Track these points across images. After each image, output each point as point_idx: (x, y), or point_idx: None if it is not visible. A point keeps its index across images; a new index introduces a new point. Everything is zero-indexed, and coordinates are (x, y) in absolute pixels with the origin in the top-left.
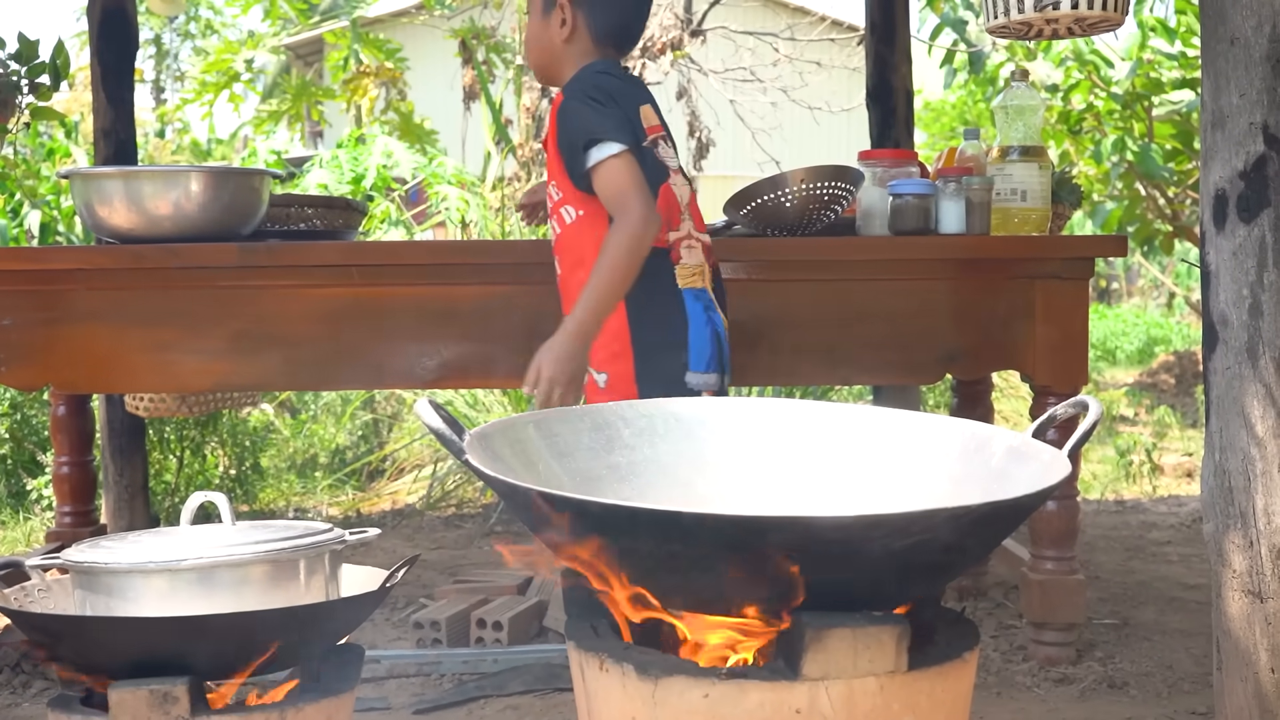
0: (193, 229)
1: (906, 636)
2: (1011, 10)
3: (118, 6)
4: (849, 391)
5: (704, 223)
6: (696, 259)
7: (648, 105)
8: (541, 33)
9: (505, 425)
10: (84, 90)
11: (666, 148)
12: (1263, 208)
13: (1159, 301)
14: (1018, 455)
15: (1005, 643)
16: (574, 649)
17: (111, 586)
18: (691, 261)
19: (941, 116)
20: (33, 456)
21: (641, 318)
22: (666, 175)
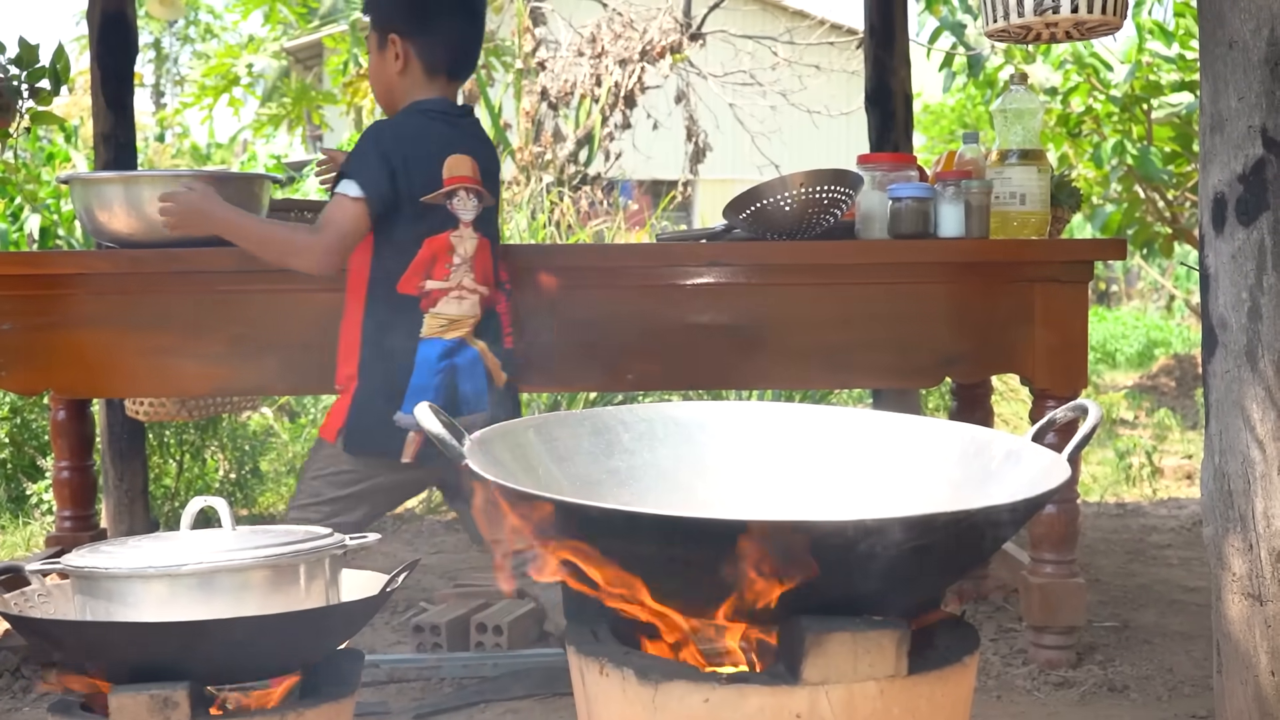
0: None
1: (906, 641)
2: (1010, 14)
3: (118, 11)
4: (849, 395)
5: (493, 277)
6: (460, 311)
7: (462, 155)
8: (379, 68)
9: (505, 430)
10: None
11: (467, 199)
12: (1261, 211)
13: (1159, 304)
14: (1017, 459)
15: (1005, 646)
16: (574, 654)
17: (112, 591)
18: (449, 312)
19: (941, 119)
20: (33, 461)
21: (370, 363)
22: (454, 225)
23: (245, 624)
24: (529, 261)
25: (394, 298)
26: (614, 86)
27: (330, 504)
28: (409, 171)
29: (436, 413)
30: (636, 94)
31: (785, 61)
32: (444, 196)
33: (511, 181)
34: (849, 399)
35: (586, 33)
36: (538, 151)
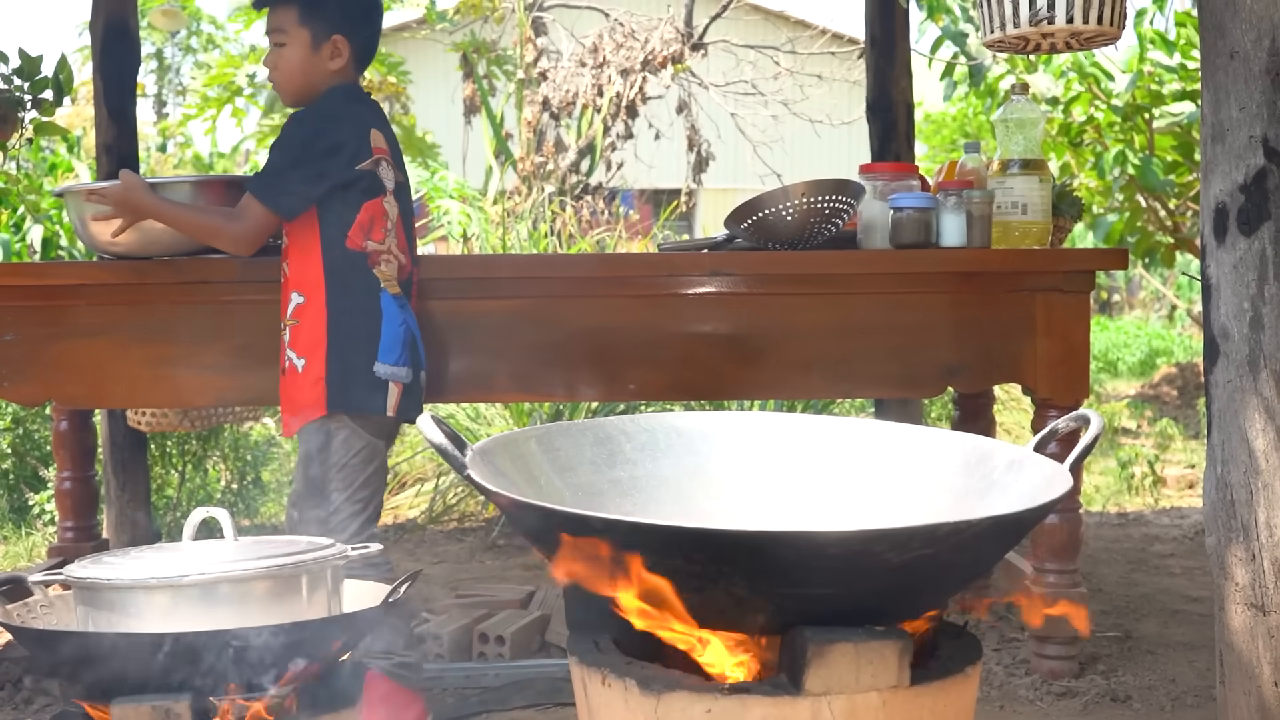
0: (191, 245)
1: (909, 651)
2: (1008, 25)
3: (120, 22)
4: (851, 405)
5: (407, 243)
6: (393, 272)
7: (376, 130)
8: (307, 64)
9: (507, 440)
10: (86, 105)
11: (388, 169)
12: (1263, 221)
13: (1160, 313)
14: (1019, 469)
15: (1008, 656)
16: (576, 664)
17: (114, 602)
18: (388, 272)
19: (942, 129)
20: (35, 471)
21: (339, 314)
22: (382, 192)
23: (247, 635)
24: (530, 271)
25: (349, 254)
26: (616, 96)
27: (364, 488)
28: (342, 144)
29: (438, 423)
30: (638, 104)
31: (787, 71)
32: (373, 164)
33: (513, 191)
34: (851, 409)
35: (588, 43)
36: (539, 161)
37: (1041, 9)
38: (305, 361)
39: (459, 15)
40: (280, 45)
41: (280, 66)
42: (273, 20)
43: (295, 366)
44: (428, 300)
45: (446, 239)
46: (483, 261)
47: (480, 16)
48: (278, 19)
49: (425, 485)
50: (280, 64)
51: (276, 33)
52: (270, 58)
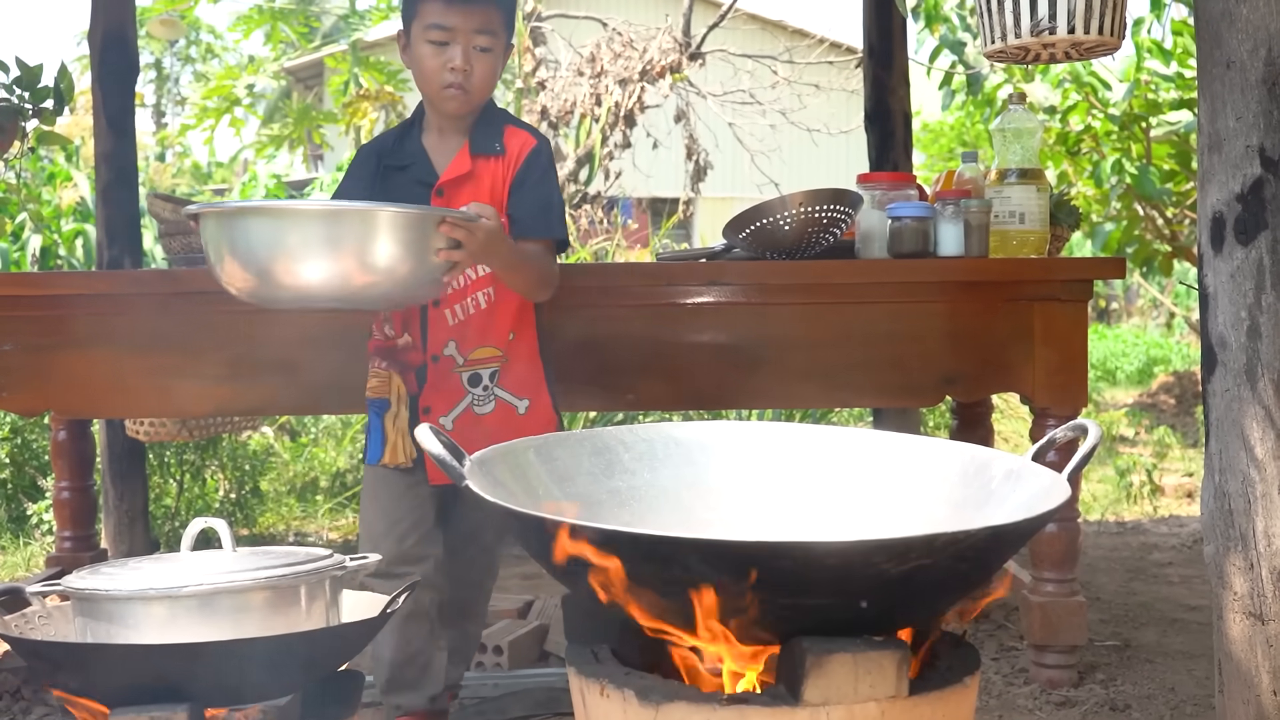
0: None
1: (907, 661)
2: (1008, 35)
3: (119, 31)
4: (849, 414)
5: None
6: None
7: None
8: (500, 72)
9: (505, 450)
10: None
11: None
12: (1260, 230)
13: (1158, 321)
14: (1017, 479)
15: (1006, 665)
16: (575, 674)
17: (112, 613)
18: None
19: (940, 137)
20: (33, 481)
21: (546, 350)
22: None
23: (246, 646)
24: None
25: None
26: (614, 106)
27: None
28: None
29: (436, 433)
30: (636, 113)
31: (785, 80)
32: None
33: None
34: (849, 418)
35: (586, 52)
36: None
37: (1043, 19)
38: (529, 403)
39: None
40: (486, 50)
41: (481, 71)
42: (483, 20)
43: (514, 409)
44: None
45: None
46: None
47: None
48: (490, 19)
49: None
50: (482, 68)
51: (485, 34)
52: (475, 57)
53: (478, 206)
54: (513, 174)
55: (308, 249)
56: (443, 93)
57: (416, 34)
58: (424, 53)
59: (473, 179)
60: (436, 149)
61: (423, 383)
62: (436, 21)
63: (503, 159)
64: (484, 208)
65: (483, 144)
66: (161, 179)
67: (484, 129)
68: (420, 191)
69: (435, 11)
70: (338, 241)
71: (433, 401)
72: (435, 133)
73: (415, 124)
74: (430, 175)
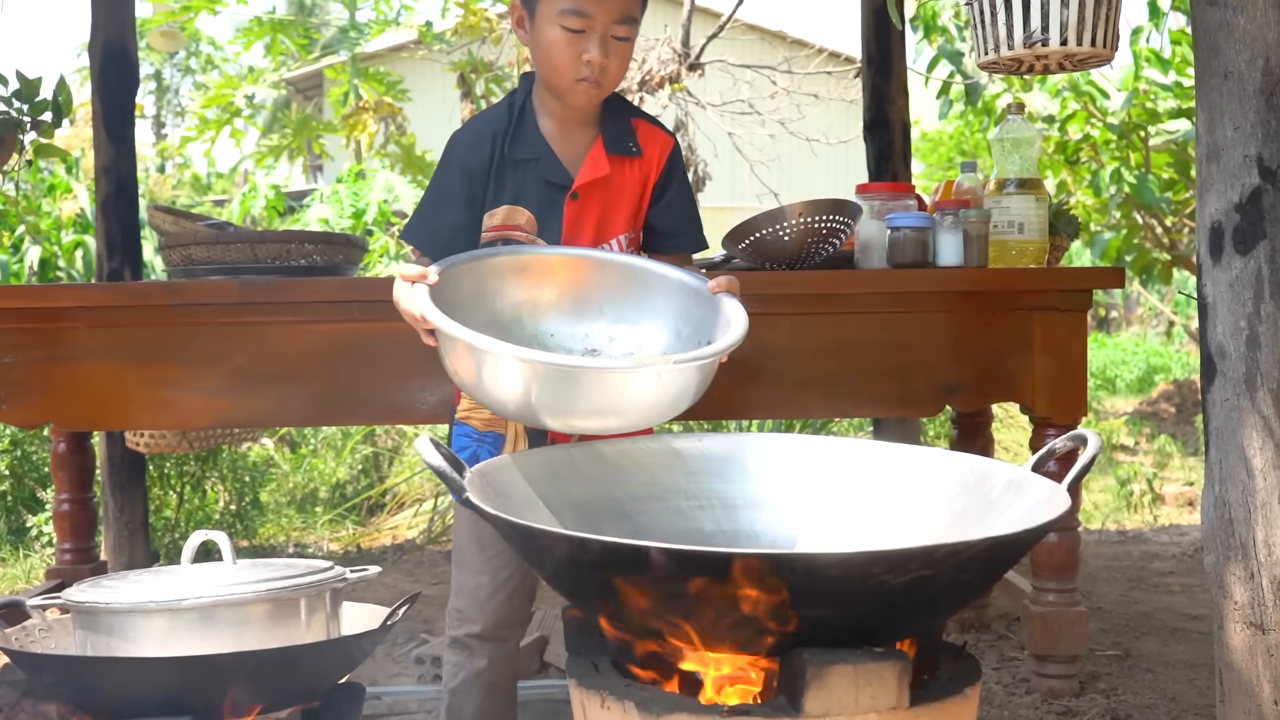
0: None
1: (908, 672)
2: (1002, 47)
3: (119, 43)
4: (849, 424)
5: None
6: None
7: None
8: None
9: (506, 463)
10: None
11: None
12: (1259, 240)
13: (1158, 330)
14: (1018, 489)
15: (1008, 675)
16: (575, 685)
17: (113, 626)
18: None
19: (939, 147)
20: (33, 493)
21: None
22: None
23: (246, 659)
24: None
25: None
26: None
27: None
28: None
29: (437, 445)
30: None
31: (784, 90)
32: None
33: None
34: (849, 428)
35: None
36: None
37: (1035, 31)
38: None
39: (456, 35)
40: (624, 40)
41: (617, 63)
42: (625, 8)
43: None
44: None
45: None
46: None
47: (478, 37)
48: (631, 5)
49: (424, 505)
50: (618, 60)
51: (626, 24)
52: (613, 48)
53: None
54: (654, 180)
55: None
56: (574, 86)
57: (546, 14)
58: (554, 38)
59: (609, 183)
60: (561, 143)
61: None
62: (575, 7)
63: (640, 161)
64: (721, 281)
65: (617, 142)
66: (161, 190)
67: (613, 122)
68: (551, 194)
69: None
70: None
71: (561, 437)
72: (555, 121)
73: (525, 105)
74: (562, 176)
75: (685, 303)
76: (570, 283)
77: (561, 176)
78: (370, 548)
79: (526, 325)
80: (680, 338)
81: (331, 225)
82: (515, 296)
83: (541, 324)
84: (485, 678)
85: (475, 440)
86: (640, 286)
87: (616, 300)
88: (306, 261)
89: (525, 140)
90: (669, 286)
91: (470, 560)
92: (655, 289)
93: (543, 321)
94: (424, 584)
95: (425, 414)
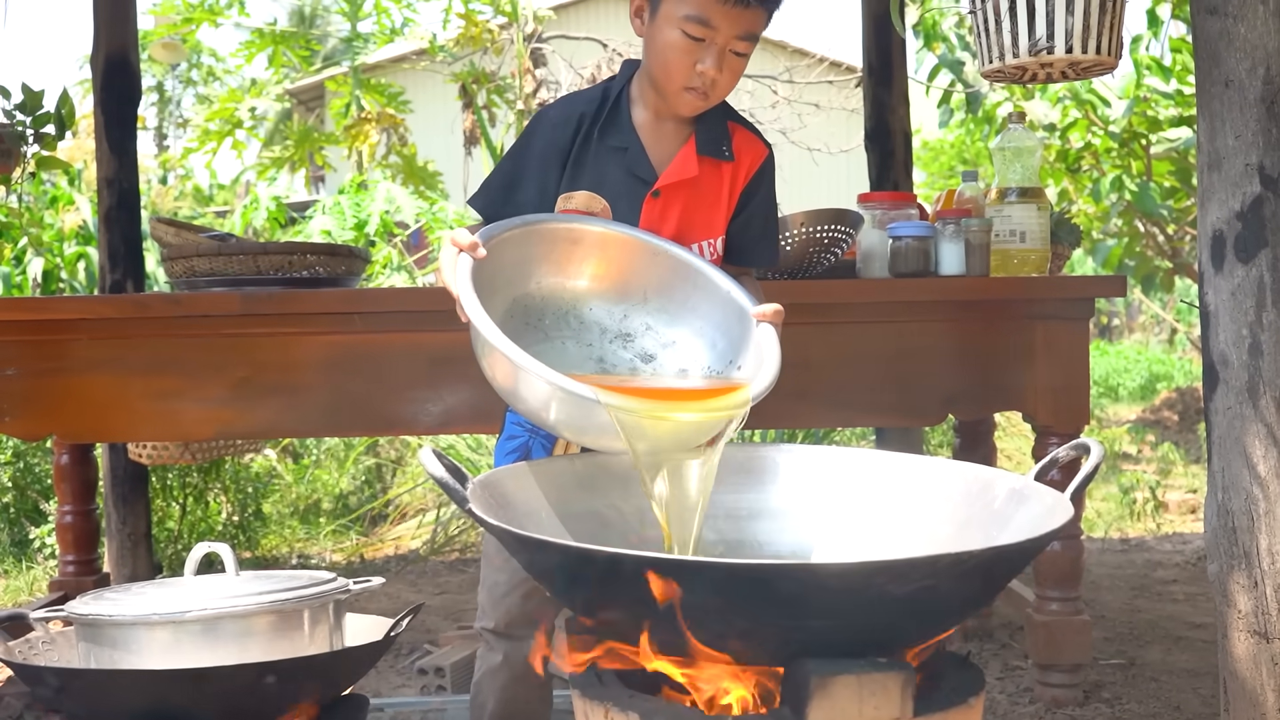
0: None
1: (912, 682)
2: (1006, 55)
3: (120, 56)
4: (851, 433)
5: None
6: None
7: None
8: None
9: (507, 473)
10: (86, 137)
11: None
12: (1260, 248)
13: (1160, 337)
14: (1020, 498)
15: (1011, 684)
16: (578, 697)
17: (116, 639)
18: None
19: (940, 155)
20: (36, 505)
21: None
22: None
23: (249, 671)
24: None
25: None
26: None
27: None
28: None
29: (439, 456)
30: None
31: (785, 100)
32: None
33: None
34: (851, 438)
35: (587, 73)
36: None
37: (1041, 39)
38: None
39: (458, 46)
40: (741, 55)
41: (729, 78)
42: (750, 23)
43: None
44: (431, 332)
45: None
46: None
47: (480, 48)
48: (757, 21)
49: (427, 516)
50: (730, 75)
51: (747, 40)
52: (729, 62)
53: (771, 312)
54: (742, 186)
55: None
56: (682, 94)
57: (669, 14)
58: (673, 41)
59: (695, 186)
60: (652, 136)
61: None
62: (700, 15)
63: (731, 166)
64: (766, 311)
65: (710, 144)
66: (164, 202)
67: (709, 122)
68: (633, 187)
69: (702, 2)
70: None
71: None
72: (649, 112)
73: (622, 93)
74: (647, 171)
75: (728, 317)
76: (621, 263)
77: (647, 172)
78: (373, 559)
79: (566, 298)
80: (715, 350)
81: (333, 237)
82: (562, 267)
83: (582, 298)
84: (502, 674)
85: (529, 432)
86: (689, 284)
87: (662, 291)
88: (309, 273)
89: (616, 128)
90: (717, 295)
91: (492, 557)
92: (702, 292)
93: (584, 296)
94: (427, 595)
95: (428, 425)
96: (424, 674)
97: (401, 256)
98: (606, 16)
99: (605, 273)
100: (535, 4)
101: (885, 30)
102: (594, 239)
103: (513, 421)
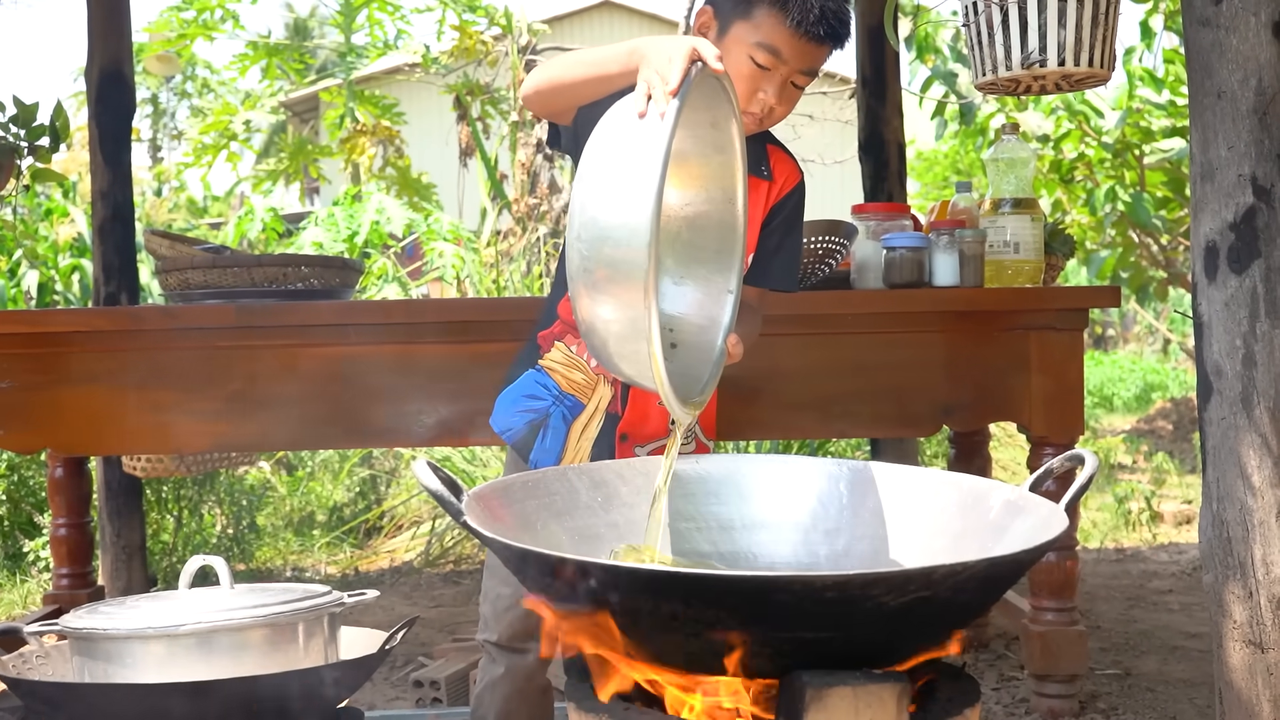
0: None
1: (907, 694)
2: (999, 67)
3: (115, 69)
4: (845, 444)
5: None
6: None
7: None
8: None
9: (503, 485)
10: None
11: None
12: (1253, 259)
13: (1155, 347)
14: (1015, 509)
15: (1007, 695)
16: (574, 709)
17: (110, 652)
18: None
19: (934, 166)
20: (30, 518)
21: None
22: None
23: (244, 684)
24: (525, 314)
25: None
26: None
27: None
28: None
29: (434, 469)
30: None
31: None
32: None
33: (507, 233)
34: (846, 448)
35: None
36: (534, 203)
37: (1034, 52)
38: (712, 444)
39: (452, 58)
40: (800, 87)
41: (785, 108)
42: (816, 59)
43: (707, 447)
44: (426, 344)
45: (441, 280)
46: (477, 305)
47: (474, 60)
48: (822, 58)
49: (421, 528)
50: (786, 105)
51: (811, 75)
52: (788, 93)
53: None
54: (771, 204)
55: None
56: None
57: (739, 38)
58: (739, 62)
59: None
60: None
61: (625, 404)
62: (772, 45)
63: (768, 185)
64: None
65: (752, 164)
66: (158, 214)
67: (750, 143)
68: None
69: (776, 33)
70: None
71: (632, 429)
72: None
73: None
74: None
75: (715, 308)
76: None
77: None
78: (368, 571)
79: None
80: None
81: (326, 249)
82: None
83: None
84: (503, 687)
85: (554, 397)
86: (727, 254)
87: (707, 245)
88: (303, 285)
89: None
90: (725, 298)
91: (496, 570)
92: (725, 276)
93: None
94: (422, 607)
95: (422, 437)
96: (419, 686)
97: (396, 267)
98: (600, 28)
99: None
100: (529, 16)
101: (879, 42)
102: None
103: (537, 382)
